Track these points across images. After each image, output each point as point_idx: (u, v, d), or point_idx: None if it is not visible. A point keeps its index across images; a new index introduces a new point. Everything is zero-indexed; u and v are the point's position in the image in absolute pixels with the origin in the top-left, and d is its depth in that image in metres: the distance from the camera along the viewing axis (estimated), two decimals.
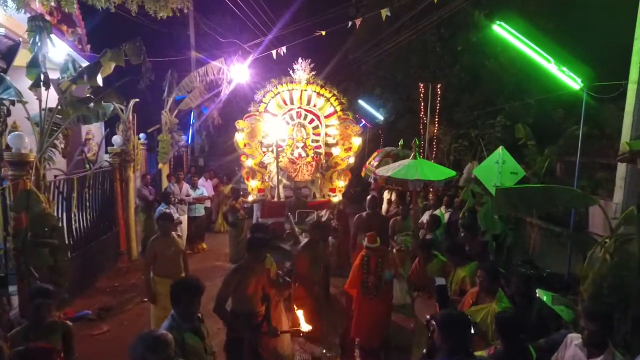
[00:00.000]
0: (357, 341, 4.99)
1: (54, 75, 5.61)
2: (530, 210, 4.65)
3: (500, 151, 6.11)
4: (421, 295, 4.53)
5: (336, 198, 9.19)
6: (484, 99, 11.14)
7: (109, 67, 5.33)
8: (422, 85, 9.96)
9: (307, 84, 8.87)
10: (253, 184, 8.94)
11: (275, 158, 8.66)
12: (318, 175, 9.21)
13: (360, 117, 17.12)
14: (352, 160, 9.33)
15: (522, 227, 6.78)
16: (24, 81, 5.06)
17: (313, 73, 8.94)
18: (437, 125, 10.10)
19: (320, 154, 9.18)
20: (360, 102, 17.18)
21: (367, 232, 6.13)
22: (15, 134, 4.91)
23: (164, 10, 6.46)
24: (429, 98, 9.72)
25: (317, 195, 9.29)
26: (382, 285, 4.52)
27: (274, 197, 8.94)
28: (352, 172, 9.67)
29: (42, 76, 4.82)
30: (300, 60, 8.83)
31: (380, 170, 6.04)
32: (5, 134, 5.05)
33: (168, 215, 5.15)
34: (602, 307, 3.02)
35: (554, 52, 4.71)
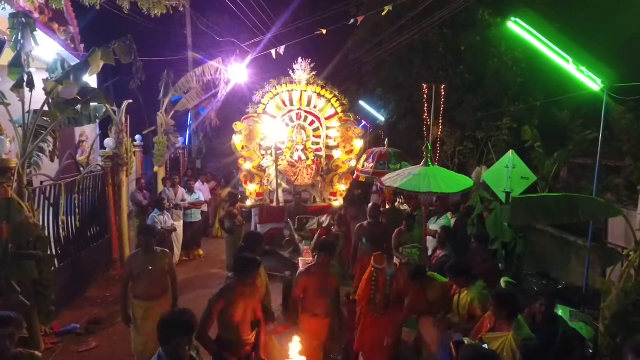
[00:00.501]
0: (362, 354, 4.71)
1: (45, 75, 5.31)
2: (550, 221, 4.36)
3: (510, 155, 5.83)
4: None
5: (337, 202, 8.94)
6: (488, 100, 10.88)
7: (97, 67, 5.02)
8: (425, 86, 9.68)
9: (307, 84, 8.64)
10: (251, 188, 8.69)
11: (274, 161, 8.43)
12: (318, 178, 8.96)
13: (361, 118, 16.86)
14: (353, 163, 9.09)
15: (532, 235, 6.50)
16: (8, 82, 4.76)
17: (313, 73, 8.70)
18: (440, 127, 9.83)
19: (320, 156, 8.94)
20: (361, 103, 16.93)
21: (369, 243, 5.87)
22: None
23: (157, 7, 6.17)
24: (433, 99, 9.45)
25: (318, 200, 9.03)
26: (390, 303, 4.22)
27: (273, 202, 8.68)
28: (353, 175, 9.41)
29: (25, 76, 4.52)
30: (300, 60, 8.58)
31: (388, 180, 5.39)
32: None
33: (150, 230, 4.57)
34: None
35: (571, 50, 4.44)
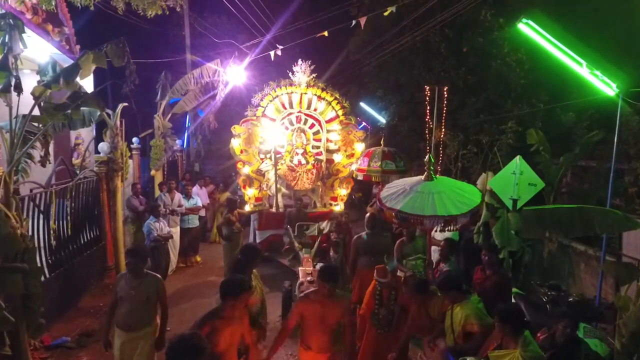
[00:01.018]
0: None
1: (38, 78, 5.10)
2: (564, 234, 4.15)
3: (517, 161, 5.62)
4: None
5: (338, 207, 8.74)
6: (491, 102, 10.70)
7: (89, 70, 4.81)
8: (427, 87, 9.49)
9: (307, 86, 8.45)
10: (250, 193, 8.49)
11: (273, 165, 8.24)
12: (319, 183, 8.77)
13: (362, 120, 16.68)
14: (354, 167, 8.88)
15: (540, 243, 6.30)
16: None
17: (313, 75, 8.50)
18: (443, 129, 9.63)
19: (321, 160, 8.75)
20: (362, 104, 16.76)
21: (368, 255, 5.54)
22: None
23: (152, 7, 5.96)
24: (435, 101, 9.25)
25: (318, 205, 8.83)
26: (394, 319, 4.00)
27: (273, 207, 8.48)
28: (353, 179, 9.21)
29: (12, 80, 4.32)
30: (300, 62, 8.38)
31: (388, 201, 4.66)
32: None
33: (139, 251, 4.04)
34: None
35: (583, 52, 4.26)
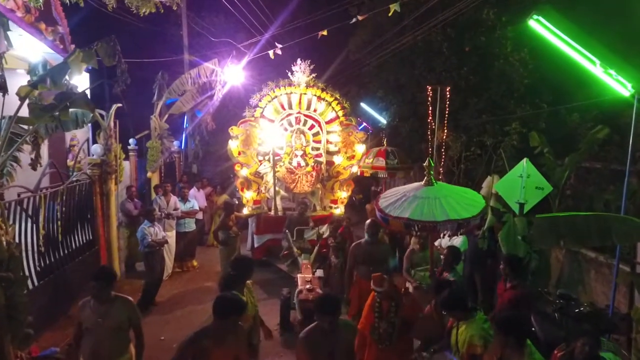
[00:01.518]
0: None
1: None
2: (580, 244, 3.95)
3: (524, 164, 5.44)
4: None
5: (338, 210, 8.55)
6: (493, 102, 10.52)
7: (79, 70, 4.62)
8: (429, 88, 9.32)
9: (306, 87, 8.28)
10: (248, 196, 8.31)
11: (272, 167, 8.05)
12: (318, 185, 8.57)
13: (362, 120, 16.48)
14: (355, 169, 8.69)
15: (548, 249, 6.10)
16: None
17: (313, 75, 8.32)
18: (445, 130, 9.45)
19: (320, 162, 8.57)
20: (362, 105, 16.57)
21: (367, 264, 5.15)
22: None
23: (146, 5, 5.76)
24: (437, 102, 9.07)
25: (318, 207, 8.64)
26: (395, 333, 3.77)
27: (271, 210, 8.29)
28: (354, 180, 9.02)
29: None
30: (299, 61, 8.19)
31: (392, 210, 4.32)
32: None
33: (105, 273, 3.65)
34: None
35: (597, 51, 4.06)
